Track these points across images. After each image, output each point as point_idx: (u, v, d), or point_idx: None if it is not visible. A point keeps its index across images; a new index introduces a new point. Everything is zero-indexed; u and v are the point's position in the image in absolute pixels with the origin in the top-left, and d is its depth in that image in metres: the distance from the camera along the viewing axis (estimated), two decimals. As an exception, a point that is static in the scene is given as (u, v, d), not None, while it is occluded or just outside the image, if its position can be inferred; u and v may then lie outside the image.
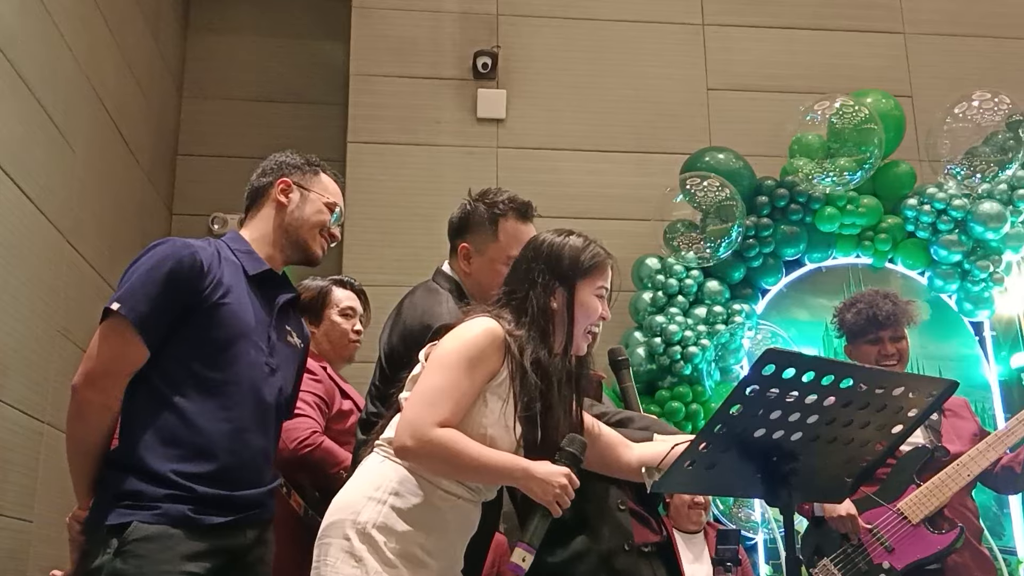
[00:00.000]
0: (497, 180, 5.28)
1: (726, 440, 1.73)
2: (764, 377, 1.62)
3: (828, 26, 5.73)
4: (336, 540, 1.72)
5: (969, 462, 2.85)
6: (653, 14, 5.67)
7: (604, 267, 1.94)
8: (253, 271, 2.11)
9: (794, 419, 1.70)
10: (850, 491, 1.98)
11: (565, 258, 1.91)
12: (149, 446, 1.91)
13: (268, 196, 2.21)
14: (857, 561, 2.85)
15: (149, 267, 1.97)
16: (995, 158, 4.74)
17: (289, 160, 2.25)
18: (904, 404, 1.76)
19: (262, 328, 2.07)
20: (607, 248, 2.00)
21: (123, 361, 1.94)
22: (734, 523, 4.49)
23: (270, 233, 2.18)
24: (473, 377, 1.77)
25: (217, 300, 1.99)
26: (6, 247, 3.34)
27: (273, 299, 2.15)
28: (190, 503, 1.89)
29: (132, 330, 1.91)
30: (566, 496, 1.75)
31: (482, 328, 1.81)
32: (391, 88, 5.40)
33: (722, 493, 3.80)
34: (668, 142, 5.36)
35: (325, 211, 2.21)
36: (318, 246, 2.21)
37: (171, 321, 1.96)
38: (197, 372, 1.96)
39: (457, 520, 1.81)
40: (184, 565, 1.85)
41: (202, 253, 2.01)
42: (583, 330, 1.91)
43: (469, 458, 1.73)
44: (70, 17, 3.93)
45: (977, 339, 5.01)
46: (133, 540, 1.83)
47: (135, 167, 4.87)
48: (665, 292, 4.84)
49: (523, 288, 1.90)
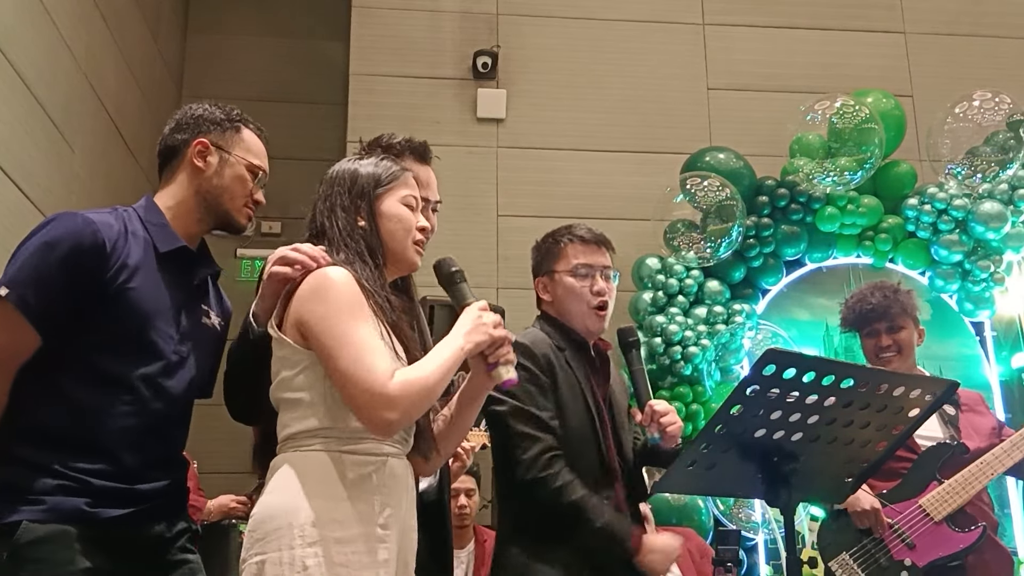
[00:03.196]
0: (497, 180, 5.29)
1: (727, 440, 1.72)
2: (765, 377, 1.62)
3: (828, 26, 5.73)
4: (272, 554, 1.58)
5: (994, 461, 2.84)
6: (653, 14, 5.67)
7: (404, 177, 1.88)
8: (165, 248, 1.89)
9: (795, 419, 1.70)
10: (851, 491, 1.98)
11: (360, 176, 1.85)
12: (40, 441, 1.74)
13: (183, 157, 1.96)
14: (878, 557, 2.84)
15: (43, 244, 1.77)
16: (996, 158, 4.73)
17: (207, 115, 2.00)
18: (904, 404, 1.76)
19: (171, 313, 1.87)
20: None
21: (11, 350, 1.75)
22: (734, 523, 4.49)
23: (187, 200, 1.95)
24: (368, 320, 1.67)
25: (120, 284, 1.79)
26: (6, 247, 3.33)
27: (189, 276, 1.95)
28: (84, 496, 1.72)
29: (20, 317, 1.73)
30: (490, 321, 1.74)
31: (328, 276, 1.69)
32: (391, 88, 5.40)
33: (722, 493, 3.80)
34: (668, 142, 5.36)
35: (248, 177, 1.98)
36: (242, 216, 1.99)
37: (67, 307, 1.76)
38: (96, 364, 1.78)
39: (392, 480, 1.69)
40: (83, 563, 1.69)
41: (105, 231, 1.80)
42: (406, 242, 1.83)
43: (432, 378, 1.65)
44: (70, 17, 3.93)
45: (978, 339, 5.01)
46: (25, 543, 1.67)
47: (135, 167, 4.86)
48: (665, 292, 4.83)
49: (326, 220, 1.82)
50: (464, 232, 4.80)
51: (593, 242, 2.36)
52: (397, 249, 1.83)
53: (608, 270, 2.35)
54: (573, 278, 2.31)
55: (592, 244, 2.36)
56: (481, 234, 5.02)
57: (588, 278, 2.31)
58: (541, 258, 2.41)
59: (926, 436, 2.93)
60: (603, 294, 2.31)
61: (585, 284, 2.31)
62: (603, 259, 2.36)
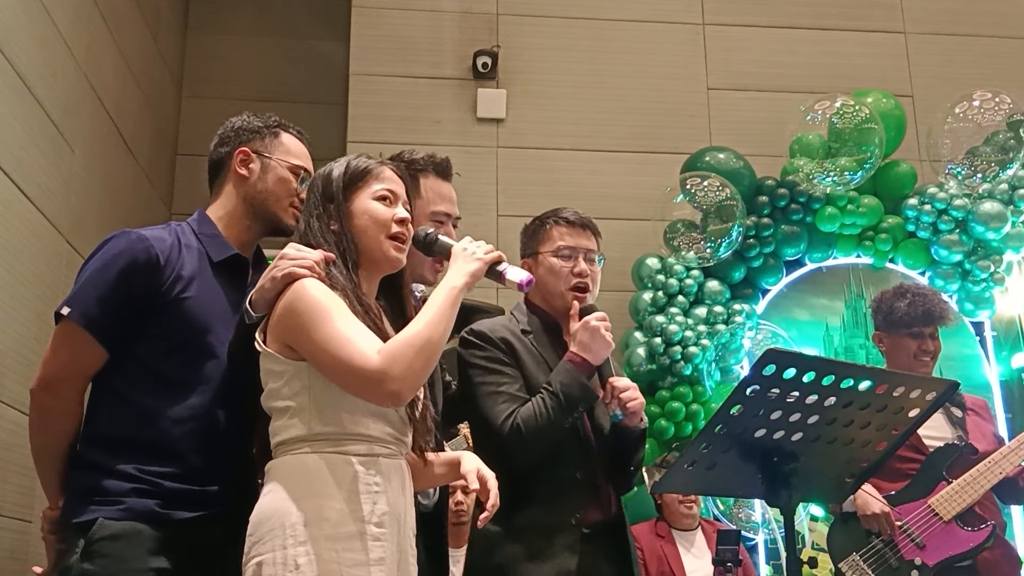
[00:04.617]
0: (497, 180, 5.29)
1: (727, 440, 1.73)
2: (765, 377, 1.62)
3: (828, 26, 5.73)
4: (267, 555, 1.60)
5: (1001, 460, 2.85)
6: (653, 14, 5.67)
7: (373, 171, 1.85)
8: (218, 257, 1.98)
9: (795, 419, 1.70)
10: (851, 491, 1.98)
11: (332, 179, 1.84)
12: (112, 447, 1.83)
13: (228, 169, 2.05)
14: (888, 557, 2.84)
15: (101, 265, 1.87)
16: (996, 158, 4.73)
17: (246, 125, 2.08)
18: (904, 404, 1.76)
19: (230, 318, 1.93)
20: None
21: (79, 365, 1.87)
22: (734, 523, 4.49)
23: (236, 209, 2.03)
24: (344, 311, 1.67)
25: (177, 295, 1.88)
26: (5, 247, 3.33)
27: (244, 283, 2.01)
28: (157, 498, 1.80)
29: (84, 334, 1.83)
30: (478, 248, 1.84)
31: (299, 287, 1.70)
32: (391, 88, 5.39)
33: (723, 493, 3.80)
34: (668, 142, 5.36)
35: (290, 177, 2.05)
36: (289, 216, 2.04)
37: (127, 320, 1.86)
38: (160, 371, 1.87)
39: (385, 480, 1.69)
40: (152, 562, 1.77)
41: (158, 245, 1.89)
42: (379, 238, 1.81)
43: (426, 330, 1.66)
44: (69, 17, 3.93)
45: (978, 339, 5.00)
46: (99, 539, 1.76)
47: (135, 167, 4.86)
48: (665, 292, 4.83)
49: (306, 227, 1.83)
50: (464, 232, 4.78)
51: (579, 224, 2.37)
52: (371, 246, 1.82)
53: (592, 253, 2.36)
54: (556, 258, 2.33)
55: (577, 227, 2.37)
56: (481, 234, 4.94)
57: (571, 259, 2.32)
58: (527, 239, 2.44)
59: (934, 437, 2.94)
60: (584, 276, 2.31)
61: (567, 265, 2.32)
62: (587, 242, 2.36)
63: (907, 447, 2.87)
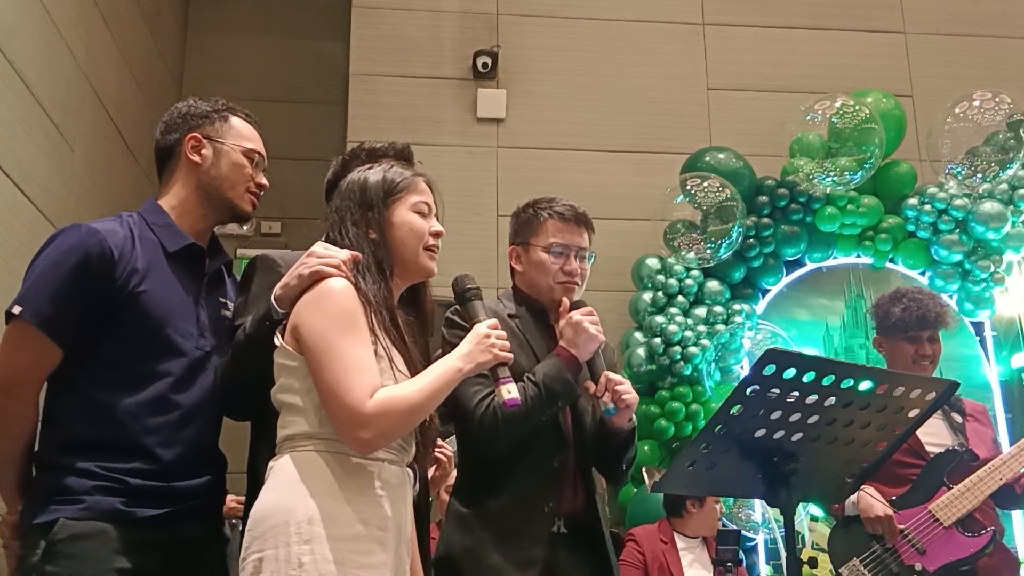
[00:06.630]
0: (497, 180, 5.29)
1: (727, 440, 1.72)
2: (765, 377, 1.62)
3: (828, 26, 5.73)
4: (269, 551, 1.58)
5: (1002, 466, 2.85)
6: (653, 14, 5.67)
7: (414, 184, 1.86)
8: (173, 248, 1.92)
9: (795, 419, 1.70)
10: (851, 491, 1.98)
11: (369, 187, 1.83)
12: (74, 445, 1.77)
13: (179, 156, 1.98)
14: (888, 562, 2.84)
15: (52, 261, 1.80)
16: (996, 158, 4.73)
17: (193, 110, 2.00)
18: (905, 404, 1.76)
19: (189, 309, 1.89)
20: (425, 176, 1.92)
21: (34, 366, 1.80)
22: (734, 523, 4.49)
23: (189, 197, 1.97)
24: (361, 335, 1.67)
25: (133, 289, 1.82)
26: (5, 247, 3.33)
27: (202, 272, 1.97)
28: (121, 495, 1.75)
29: (38, 333, 1.76)
30: (498, 339, 1.76)
31: (328, 287, 1.69)
32: (391, 88, 5.40)
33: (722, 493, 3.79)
34: (668, 142, 5.36)
35: (245, 162, 1.99)
36: (246, 201, 2.00)
37: (82, 317, 1.79)
38: (120, 366, 1.81)
39: (388, 486, 1.69)
40: (117, 562, 1.71)
41: (111, 238, 1.82)
42: (418, 250, 1.82)
43: (417, 397, 1.65)
44: (69, 17, 3.93)
45: (978, 339, 5.00)
46: (60, 540, 1.70)
47: (135, 167, 4.86)
48: (665, 292, 4.83)
49: (337, 234, 1.81)
50: (464, 232, 4.79)
51: (573, 220, 2.34)
52: (409, 257, 1.83)
53: (584, 251, 2.34)
54: (546, 254, 2.31)
55: (572, 223, 2.34)
56: (481, 234, 5.02)
57: (561, 257, 2.30)
58: (519, 227, 2.40)
59: (935, 443, 2.94)
60: (573, 275, 2.30)
61: (557, 263, 2.30)
62: (580, 240, 2.34)
63: (908, 452, 2.88)
